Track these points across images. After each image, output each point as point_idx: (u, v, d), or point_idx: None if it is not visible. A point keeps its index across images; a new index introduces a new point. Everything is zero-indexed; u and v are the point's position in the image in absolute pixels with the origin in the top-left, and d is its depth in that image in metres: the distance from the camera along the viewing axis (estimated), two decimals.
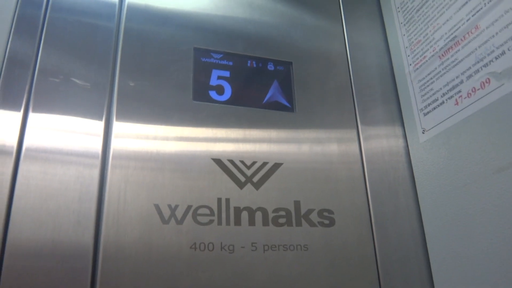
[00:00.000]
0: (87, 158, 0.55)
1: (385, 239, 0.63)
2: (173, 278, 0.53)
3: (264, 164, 0.63)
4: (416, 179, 0.68)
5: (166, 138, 0.60)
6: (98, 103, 0.59)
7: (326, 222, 0.62)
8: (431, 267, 0.63)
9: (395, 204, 0.66)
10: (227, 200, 0.59)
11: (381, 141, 0.70)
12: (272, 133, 0.65)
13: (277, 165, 0.63)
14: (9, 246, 0.49)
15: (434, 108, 0.65)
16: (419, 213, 0.66)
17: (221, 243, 0.56)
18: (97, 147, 0.56)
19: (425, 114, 0.67)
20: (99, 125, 0.58)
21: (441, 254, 0.61)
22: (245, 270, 0.56)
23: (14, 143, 0.53)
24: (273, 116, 0.67)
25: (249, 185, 0.61)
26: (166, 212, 0.56)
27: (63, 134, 0.56)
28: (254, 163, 0.62)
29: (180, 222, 0.56)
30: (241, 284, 0.55)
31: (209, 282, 0.54)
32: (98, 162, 0.56)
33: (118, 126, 0.58)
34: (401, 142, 0.71)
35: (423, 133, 0.67)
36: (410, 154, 0.70)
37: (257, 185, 0.61)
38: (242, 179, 0.61)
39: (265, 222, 0.59)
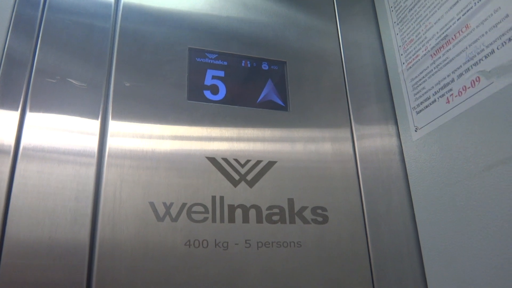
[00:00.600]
0: (84, 157, 0.56)
1: (378, 236, 0.64)
2: (168, 274, 0.54)
3: (258, 162, 0.63)
4: (409, 177, 0.68)
5: (161, 137, 0.61)
6: (94, 103, 0.60)
7: (320, 219, 0.63)
8: (423, 263, 0.64)
9: (388, 201, 0.67)
10: (221, 197, 0.60)
11: (374, 139, 0.71)
12: (266, 132, 0.66)
13: (271, 164, 0.64)
14: (7, 244, 0.50)
15: (426, 107, 0.66)
16: (412, 210, 0.67)
17: (215, 240, 0.57)
18: (93, 146, 0.57)
19: (417, 113, 0.67)
20: (95, 124, 0.59)
21: (434, 250, 0.62)
22: (239, 267, 0.57)
23: (11, 142, 0.54)
24: (267, 115, 0.67)
25: (243, 183, 0.61)
26: (161, 210, 0.57)
27: (60, 133, 0.57)
28: (248, 161, 0.63)
29: (175, 219, 0.57)
30: (235, 281, 0.56)
31: (204, 279, 0.55)
32: (94, 161, 0.56)
33: (114, 125, 0.59)
34: (394, 140, 0.72)
35: (415, 131, 0.68)
36: (404, 152, 0.70)
37: (251, 183, 0.62)
38: (236, 177, 0.62)
39: (259, 220, 0.60)
